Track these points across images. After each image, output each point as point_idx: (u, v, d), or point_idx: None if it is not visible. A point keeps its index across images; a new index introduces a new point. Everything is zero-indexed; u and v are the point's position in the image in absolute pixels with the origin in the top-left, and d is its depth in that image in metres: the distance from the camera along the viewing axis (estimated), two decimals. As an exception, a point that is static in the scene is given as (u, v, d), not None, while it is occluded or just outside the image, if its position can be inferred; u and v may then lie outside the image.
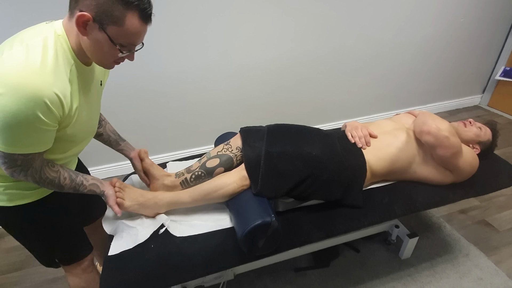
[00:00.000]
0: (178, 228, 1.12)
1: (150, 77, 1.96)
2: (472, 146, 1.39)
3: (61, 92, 0.74)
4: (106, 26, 0.74)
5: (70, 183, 0.91)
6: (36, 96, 0.69)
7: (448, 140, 1.16)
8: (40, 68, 0.71)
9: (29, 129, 0.73)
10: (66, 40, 0.79)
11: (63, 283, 1.52)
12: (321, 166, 1.14)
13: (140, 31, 0.79)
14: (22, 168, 0.80)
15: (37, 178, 0.83)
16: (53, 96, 0.72)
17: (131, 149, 1.23)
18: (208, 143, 2.34)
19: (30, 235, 1.00)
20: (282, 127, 1.34)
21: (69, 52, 0.79)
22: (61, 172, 0.89)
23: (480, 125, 1.42)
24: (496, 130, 1.43)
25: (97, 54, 0.80)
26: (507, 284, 1.45)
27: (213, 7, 1.86)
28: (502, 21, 2.73)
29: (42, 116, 0.72)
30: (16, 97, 0.68)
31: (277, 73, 2.23)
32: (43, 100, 0.70)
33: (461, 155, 1.22)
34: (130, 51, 0.82)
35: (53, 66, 0.74)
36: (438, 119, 1.21)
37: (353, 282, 1.47)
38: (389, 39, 2.40)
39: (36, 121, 0.72)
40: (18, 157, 0.77)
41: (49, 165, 0.86)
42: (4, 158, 0.77)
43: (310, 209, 1.20)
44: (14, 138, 0.73)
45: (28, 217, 0.95)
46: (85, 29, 0.74)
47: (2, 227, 0.98)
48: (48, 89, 0.71)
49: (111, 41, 0.76)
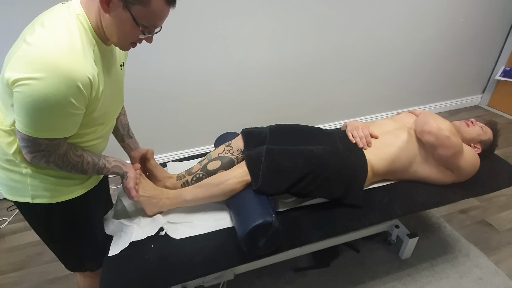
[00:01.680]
0: (178, 230, 1.12)
1: (150, 77, 1.96)
2: (473, 145, 1.39)
3: (91, 75, 0.72)
4: (131, 5, 0.70)
5: (93, 167, 0.89)
6: (71, 79, 0.67)
7: (449, 140, 1.16)
8: (70, 49, 0.68)
9: (59, 113, 0.70)
10: (86, 19, 0.75)
11: (63, 283, 1.52)
12: (322, 164, 1.14)
13: (164, 13, 0.75)
14: (45, 153, 0.77)
15: (60, 163, 0.81)
16: (85, 79, 0.70)
17: (134, 148, 1.20)
18: (208, 143, 2.34)
19: (68, 235, 0.98)
20: (284, 126, 1.34)
21: (90, 31, 0.76)
22: (84, 157, 0.86)
23: (481, 124, 1.42)
24: (497, 130, 1.43)
25: (117, 33, 0.76)
26: (507, 284, 1.45)
27: (213, 7, 1.85)
28: (502, 21, 2.73)
29: (74, 100, 0.69)
30: (52, 81, 0.65)
31: (278, 73, 2.23)
32: (76, 84, 0.68)
33: (462, 155, 1.22)
34: (150, 33, 0.79)
35: (80, 47, 0.71)
36: (439, 119, 1.21)
37: (353, 282, 1.47)
38: (390, 39, 2.41)
39: (67, 105, 0.69)
40: (43, 142, 0.74)
41: (73, 149, 0.83)
42: (28, 142, 0.74)
43: (310, 209, 1.20)
44: (42, 122, 0.70)
45: (71, 213, 0.94)
46: (108, 6, 0.71)
47: (37, 228, 0.96)
48: (81, 71, 0.69)
49: (135, 21, 0.73)
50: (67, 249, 1.03)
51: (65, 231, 0.97)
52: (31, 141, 0.73)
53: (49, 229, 0.96)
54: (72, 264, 1.08)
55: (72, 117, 0.74)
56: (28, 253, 1.67)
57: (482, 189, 1.34)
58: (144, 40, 0.81)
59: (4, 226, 1.85)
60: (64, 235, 0.98)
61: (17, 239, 1.76)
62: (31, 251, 1.68)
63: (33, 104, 0.66)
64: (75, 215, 0.97)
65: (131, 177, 1.01)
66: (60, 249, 1.03)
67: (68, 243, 1.01)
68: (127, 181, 1.01)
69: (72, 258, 1.06)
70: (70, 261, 1.07)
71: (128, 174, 1.01)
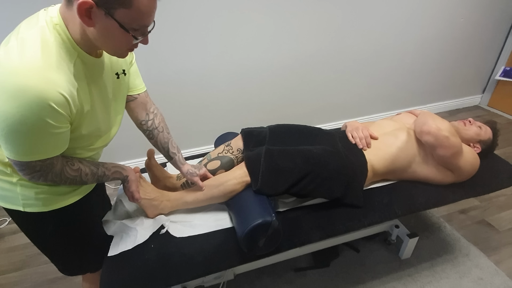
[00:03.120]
0: (178, 229, 1.12)
1: (150, 77, 1.96)
2: (473, 145, 1.39)
3: (66, 91, 0.66)
4: (113, 11, 0.63)
5: (92, 177, 0.86)
6: (40, 99, 0.62)
7: (448, 140, 1.16)
8: (40, 66, 0.63)
9: (40, 135, 0.66)
10: (65, 29, 0.68)
11: (63, 283, 1.52)
12: (322, 164, 1.14)
13: (152, 8, 0.67)
14: (42, 173, 0.74)
15: (58, 180, 0.79)
16: (58, 97, 0.64)
17: (181, 166, 1.12)
18: (208, 143, 2.33)
19: (64, 241, 0.97)
20: (283, 126, 1.34)
21: (69, 43, 0.69)
22: (81, 169, 0.83)
23: (480, 124, 1.42)
24: (496, 129, 1.43)
25: (109, 44, 0.70)
26: (507, 284, 1.45)
27: (213, 7, 1.85)
28: (502, 21, 2.73)
29: (50, 120, 0.65)
30: (18, 102, 0.60)
31: (278, 73, 2.23)
32: (47, 103, 0.62)
33: (461, 155, 1.22)
34: (144, 34, 0.71)
35: (55, 62, 0.65)
36: (439, 119, 1.21)
37: (353, 282, 1.47)
38: (389, 39, 2.40)
39: (45, 126, 0.65)
40: (36, 164, 0.71)
41: (69, 164, 0.80)
42: (21, 166, 0.71)
43: (310, 209, 1.20)
44: (26, 145, 0.67)
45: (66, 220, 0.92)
46: (90, 18, 0.64)
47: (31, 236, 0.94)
48: (52, 90, 0.63)
49: (122, 27, 0.65)
50: (64, 255, 1.01)
51: (60, 238, 0.95)
52: (24, 165, 0.71)
53: (43, 237, 0.94)
54: (69, 269, 1.06)
55: (56, 135, 0.69)
56: (28, 253, 1.67)
57: (482, 189, 1.34)
58: (141, 43, 0.74)
59: (4, 226, 1.85)
60: (60, 242, 0.97)
61: (17, 239, 1.76)
62: (31, 251, 1.68)
63: (10, 129, 0.63)
64: (70, 222, 0.94)
65: (132, 180, 1.00)
66: (57, 255, 1.01)
67: (65, 249, 0.99)
68: (129, 184, 0.99)
69: (69, 263, 1.05)
70: (67, 266, 1.05)
71: (129, 178, 0.99)
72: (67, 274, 1.07)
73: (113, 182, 2.12)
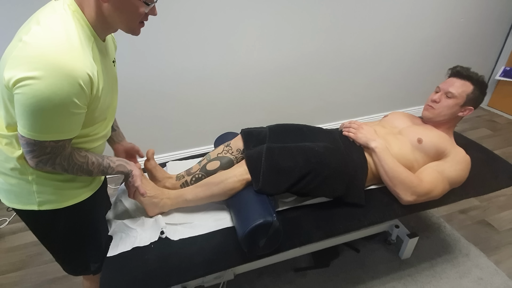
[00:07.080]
0: (178, 231, 1.11)
1: (150, 77, 1.96)
2: (462, 113, 1.31)
3: (91, 72, 0.70)
4: None
5: (98, 167, 0.87)
6: (71, 77, 0.65)
7: (431, 195, 1.19)
8: (69, 47, 0.66)
9: (62, 114, 0.68)
10: (82, 15, 0.73)
11: (63, 283, 1.52)
12: (323, 162, 1.14)
13: None
14: (51, 156, 0.75)
15: (66, 165, 0.79)
16: (86, 76, 0.68)
17: (117, 141, 1.13)
18: (208, 143, 2.33)
19: (74, 239, 0.97)
20: (284, 126, 1.34)
21: (87, 28, 0.74)
22: (88, 157, 0.84)
23: (445, 90, 1.33)
24: (475, 75, 1.34)
25: (123, 17, 0.75)
26: (507, 284, 1.45)
27: (213, 7, 1.85)
28: (502, 21, 2.73)
29: (76, 99, 0.68)
30: (53, 79, 0.63)
31: (277, 73, 2.23)
32: (78, 81, 0.66)
33: (448, 183, 1.22)
34: (152, 1, 0.76)
35: (79, 44, 0.69)
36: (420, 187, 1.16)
37: (353, 282, 1.47)
38: (389, 39, 2.40)
39: (69, 105, 0.67)
40: (49, 144, 0.72)
41: (76, 150, 0.82)
42: (33, 146, 0.71)
43: (310, 209, 1.20)
44: (47, 123, 0.68)
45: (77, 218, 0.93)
46: None
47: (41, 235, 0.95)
48: (82, 69, 0.67)
49: None
50: (72, 253, 1.02)
51: (71, 235, 0.96)
52: (37, 145, 0.71)
53: (54, 236, 0.95)
54: (75, 269, 1.07)
55: (75, 116, 0.72)
56: (28, 253, 1.67)
57: (482, 189, 1.34)
58: (150, 14, 0.79)
59: (4, 226, 1.85)
60: (70, 240, 0.97)
61: (17, 239, 1.76)
62: (31, 251, 1.68)
63: (36, 106, 0.64)
64: (81, 219, 0.96)
65: (137, 175, 0.98)
66: (65, 254, 1.02)
67: (73, 248, 1.00)
68: (134, 179, 0.98)
69: (76, 263, 1.05)
70: (74, 265, 1.06)
71: (134, 173, 0.98)
72: (73, 273, 1.07)
73: (113, 182, 2.12)
